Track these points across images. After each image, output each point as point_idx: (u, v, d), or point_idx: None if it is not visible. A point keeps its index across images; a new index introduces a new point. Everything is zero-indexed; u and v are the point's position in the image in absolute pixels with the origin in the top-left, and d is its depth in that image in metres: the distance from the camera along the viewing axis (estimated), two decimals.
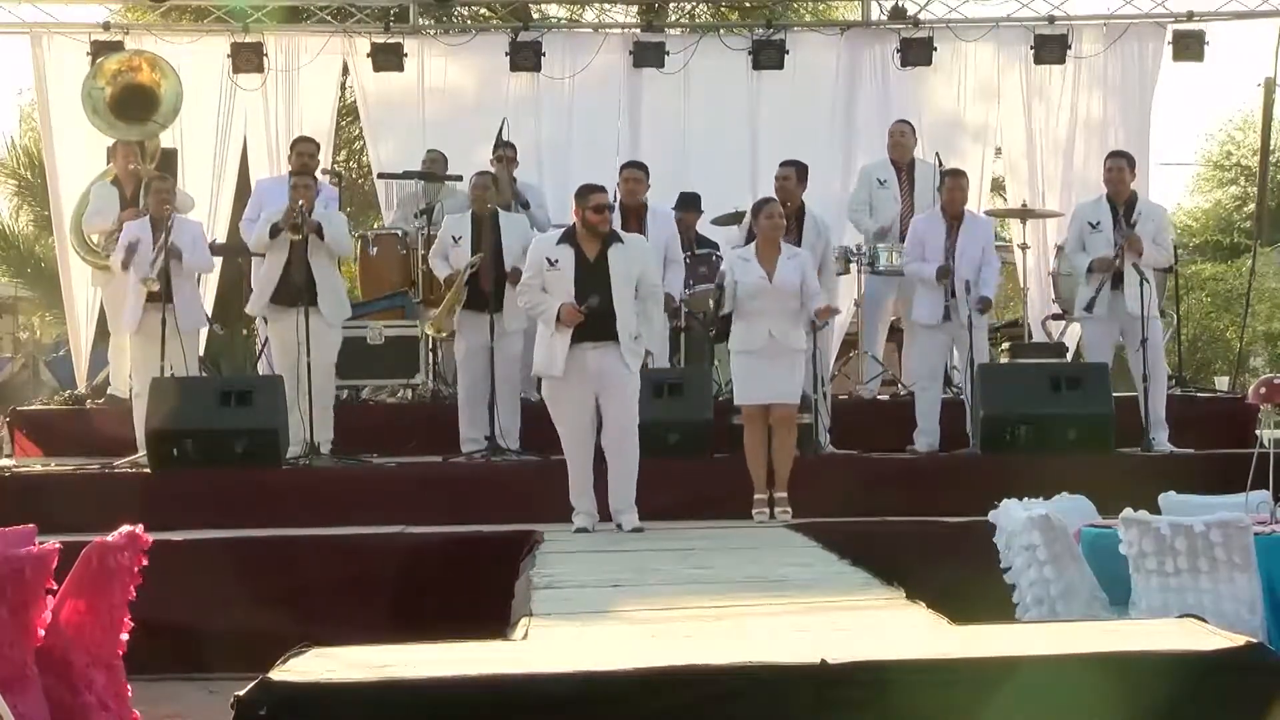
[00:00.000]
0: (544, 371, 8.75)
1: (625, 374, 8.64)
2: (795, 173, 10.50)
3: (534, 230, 10.73)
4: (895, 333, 11.80)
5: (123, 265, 10.18)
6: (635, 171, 10.66)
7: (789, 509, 9.07)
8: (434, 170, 11.90)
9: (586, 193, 8.70)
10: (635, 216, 10.51)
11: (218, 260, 12.27)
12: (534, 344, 9.47)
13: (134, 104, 11.86)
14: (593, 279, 8.56)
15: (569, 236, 8.72)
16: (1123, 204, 10.30)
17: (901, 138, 11.64)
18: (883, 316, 11.70)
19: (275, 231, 10.07)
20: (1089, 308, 10.35)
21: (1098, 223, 10.37)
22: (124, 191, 11.35)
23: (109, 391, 11.79)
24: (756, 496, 9.17)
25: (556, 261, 8.61)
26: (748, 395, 9.20)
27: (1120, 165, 10.40)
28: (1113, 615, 6.01)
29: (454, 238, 10.21)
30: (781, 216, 9.29)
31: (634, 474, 8.78)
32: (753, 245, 9.30)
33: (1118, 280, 10.18)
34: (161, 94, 11.87)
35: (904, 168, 11.53)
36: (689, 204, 11.61)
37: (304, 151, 11.06)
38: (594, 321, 8.51)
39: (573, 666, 4.04)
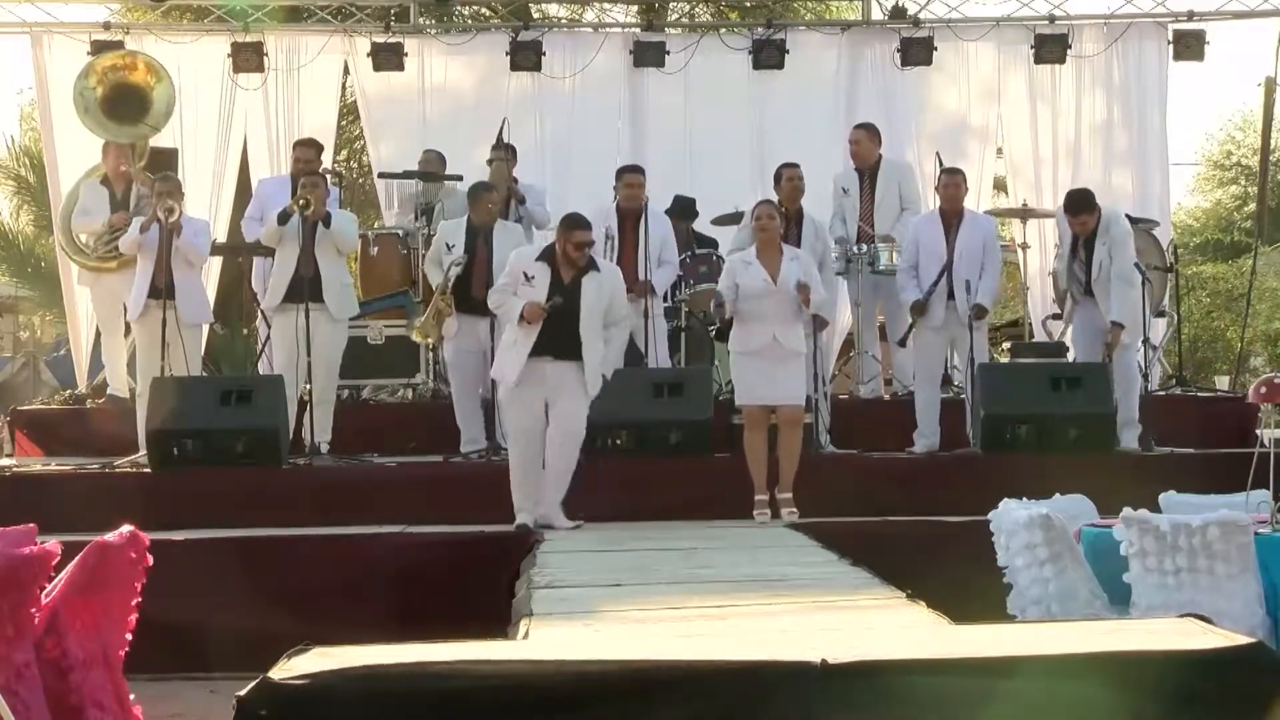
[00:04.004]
0: (498, 377, 8.97)
1: (579, 390, 8.77)
2: (802, 172, 10.53)
3: (529, 232, 10.76)
4: (884, 332, 11.80)
5: (141, 229, 10.15)
6: (635, 176, 10.64)
7: (795, 509, 9.06)
8: (431, 170, 11.91)
9: (571, 226, 8.84)
10: (633, 219, 10.51)
11: (215, 260, 12.30)
12: None
13: (125, 104, 11.87)
14: (568, 298, 8.71)
15: (548, 255, 8.86)
16: (1084, 236, 10.17)
17: (856, 145, 11.49)
18: (871, 316, 11.68)
19: (285, 217, 10.12)
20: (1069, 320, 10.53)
21: (1061, 240, 10.50)
22: (114, 192, 11.35)
23: (109, 391, 11.79)
24: (757, 497, 9.17)
25: (533, 277, 8.76)
26: (750, 396, 9.20)
27: (1083, 221, 10.09)
28: (1113, 615, 6.01)
29: (448, 245, 10.24)
30: (772, 218, 9.28)
31: (567, 479, 8.85)
32: (753, 247, 9.31)
33: (1088, 290, 10.20)
34: (153, 96, 11.87)
35: (865, 172, 11.45)
36: (684, 210, 11.59)
37: (301, 157, 11.10)
38: (559, 339, 8.69)
39: (573, 666, 4.05)
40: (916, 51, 13.35)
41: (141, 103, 11.87)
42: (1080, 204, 10.22)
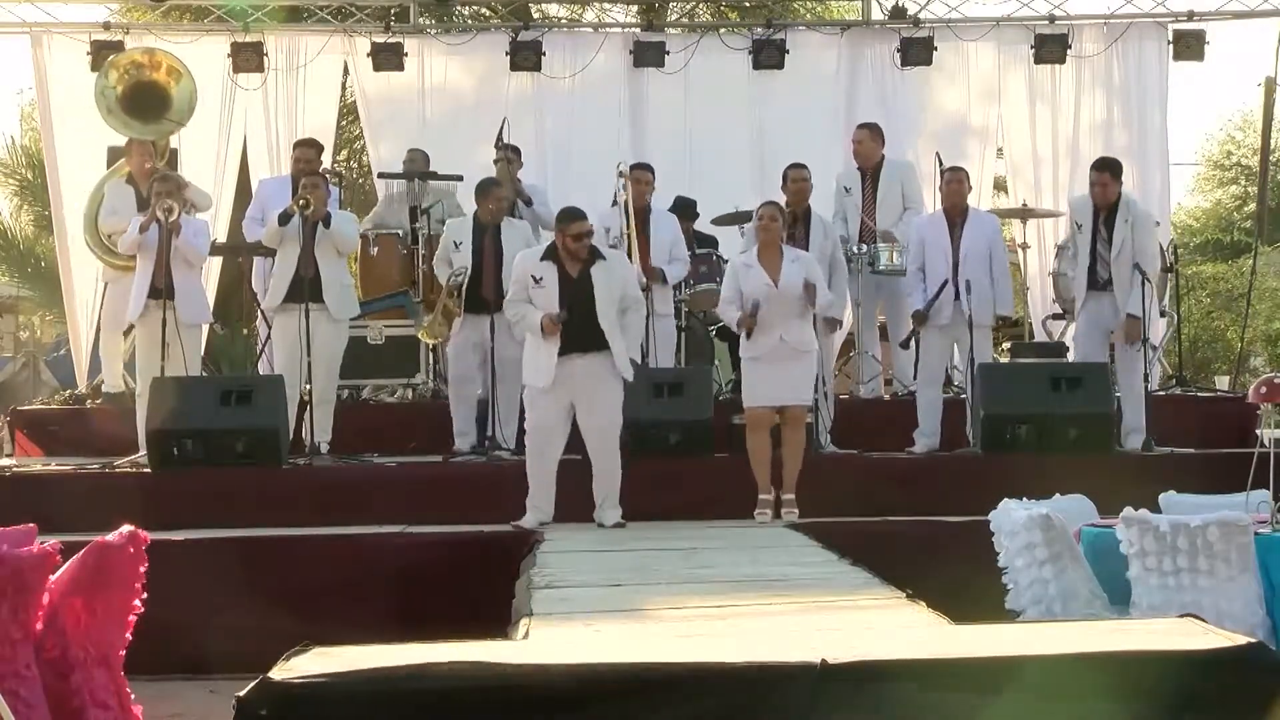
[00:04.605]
0: (532, 382, 8.95)
1: (611, 381, 8.83)
2: (809, 174, 10.54)
3: (536, 232, 10.78)
4: (885, 332, 11.80)
5: (141, 229, 10.13)
6: (643, 173, 10.70)
7: (796, 509, 9.07)
8: (416, 169, 11.89)
9: (568, 219, 8.90)
10: (640, 218, 10.53)
11: (215, 260, 12.30)
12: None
13: (145, 102, 11.84)
14: (577, 296, 8.76)
15: (552, 254, 8.90)
16: (1104, 211, 10.22)
17: (859, 145, 11.47)
18: (871, 316, 11.69)
19: (285, 218, 10.12)
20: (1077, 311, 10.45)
21: (1080, 225, 10.37)
22: (140, 191, 11.35)
23: (104, 389, 11.79)
24: (761, 497, 9.17)
25: (541, 279, 8.81)
26: (756, 398, 9.19)
27: (1104, 179, 10.15)
28: (1113, 615, 6.01)
29: (455, 243, 10.24)
30: (774, 219, 9.27)
31: (618, 473, 8.96)
32: (754, 250, 9.31)
33: (1104, 284, 10.17)
34: (173, 93, 11.85)
35: (868, 172, 11.44)
36: (684, 210, 11.61)
37: (301, 157, 11.14)
38: (581, 334, 8.73)
39: (573, 667, 4.05)
40: (916, 51, 13.36)
41: (161, 99, 11.85)
42: (1108, 164, 10.30)
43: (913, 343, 10.58)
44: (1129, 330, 10.00)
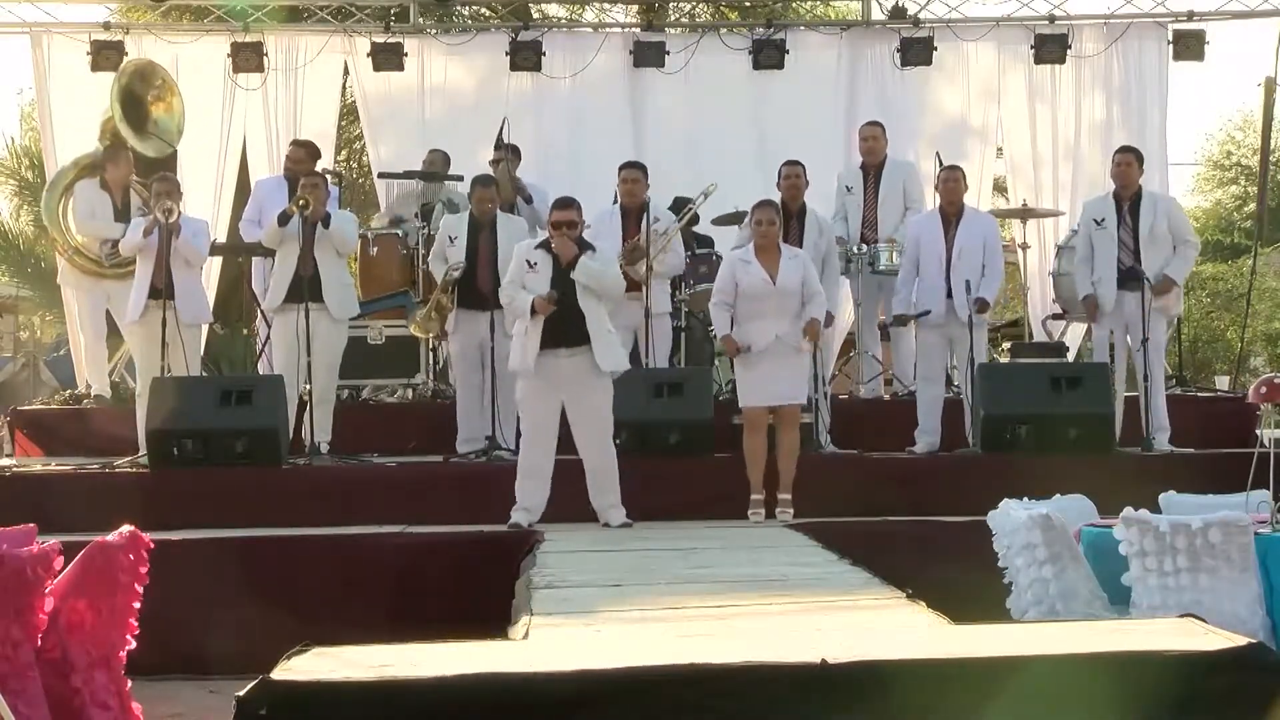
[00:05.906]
0: (517, 368, 8.95)
1: (596, 379, 8.80)
2: (804, 171, 10.54)
3: (533, 230, 10.78)
4: (886, 331, 11.80)
5: (144, 233, 10.10)
6: (634, 172, 10.69)
7: (791, 510, 9.07)
8: (434, 170, 11.90)
9: (554, 208, 9.08)
10: (636, 216, 10.53)
11: (215, 260, 12.30)
12: None
13: (131, 110, 11.87)
14: (565, 283, 8.79)
15: (546, 243, 8.98)
16: (1129, 199, 10.28)
17: (874, 141, 11.49)
18: (872, 316, 11.69)
19: (285, 218, 10.12)
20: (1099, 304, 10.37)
21: (1102, 220, 10.34)
22: (115, 200, 11.34)
23: (94, 392, 11.79)
24: (753, 497, 9.18)
25: (535, 264, 8.87)
26: (752, 397, 9.20)
27: (1129, 160, 10.31)
28: (1113, 615, 6.01)
29: (450, 238, 10.26)
30: (773, 223, 9.28)
31: (614, 472, 8.96)
32: (751, 247, 9.32)
33: (1129, 280, 10.16)
34: (152, 112, 11.88)
35: (872, 170, 11.46)
36: (682, 210, 11.60)
37: (292, 156, 11.13)
38: (565, 327, 8.74)
39: (573, 666, 4.05)
40: (916, 51, 13.36)
41: (142, 115, 11.88)
42: (1131, 148, 10.50)
43: (908, 341, 10.57)
44: (1161, 288, 10.02)
